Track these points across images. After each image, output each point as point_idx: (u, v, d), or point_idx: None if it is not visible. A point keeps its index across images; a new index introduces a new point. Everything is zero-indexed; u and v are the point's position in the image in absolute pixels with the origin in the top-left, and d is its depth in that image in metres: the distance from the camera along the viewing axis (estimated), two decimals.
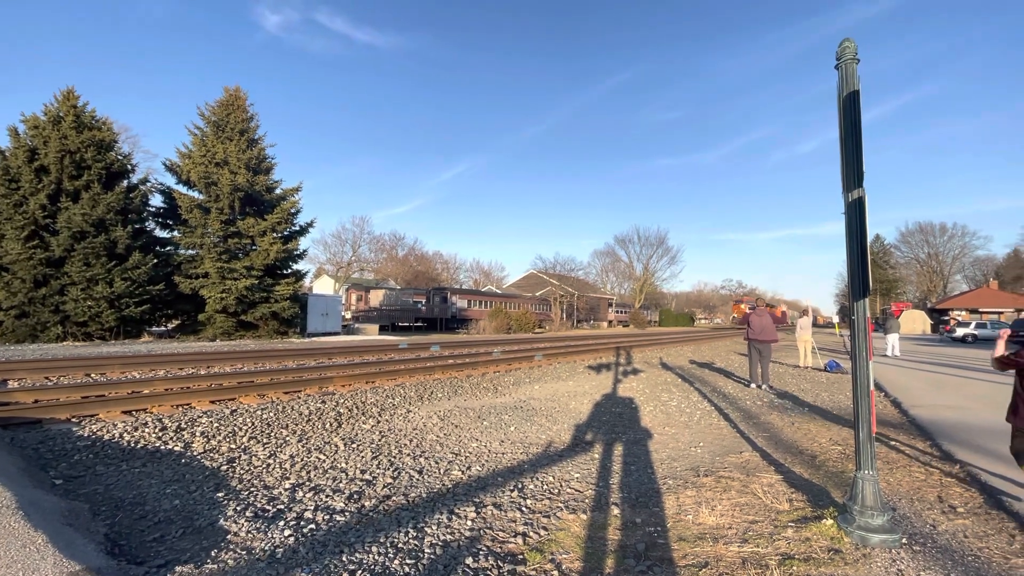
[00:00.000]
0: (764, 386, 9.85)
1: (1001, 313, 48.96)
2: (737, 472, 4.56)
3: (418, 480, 4.27)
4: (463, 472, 4.56)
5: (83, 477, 4.06)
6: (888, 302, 67.72)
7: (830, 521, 3.16)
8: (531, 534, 3.21)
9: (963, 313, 49.95)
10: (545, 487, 4.19)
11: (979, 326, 34.80)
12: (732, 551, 2.90)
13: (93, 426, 5.31)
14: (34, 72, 78.26)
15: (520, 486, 4.17)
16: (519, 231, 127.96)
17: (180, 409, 6.36)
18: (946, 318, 50.64)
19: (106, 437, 5.03)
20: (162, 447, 4.91)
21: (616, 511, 3.64)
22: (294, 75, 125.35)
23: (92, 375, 9.00)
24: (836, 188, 3.24)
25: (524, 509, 3.66)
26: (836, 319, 27.24)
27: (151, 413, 6.05)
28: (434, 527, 3.25)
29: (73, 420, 5.57)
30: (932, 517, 3.44)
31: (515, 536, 3.17)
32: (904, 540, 3.00)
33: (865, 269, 3.01)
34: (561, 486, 4.22)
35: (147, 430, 5.29)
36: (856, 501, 3.02)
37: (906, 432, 6.20)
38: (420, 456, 4.99)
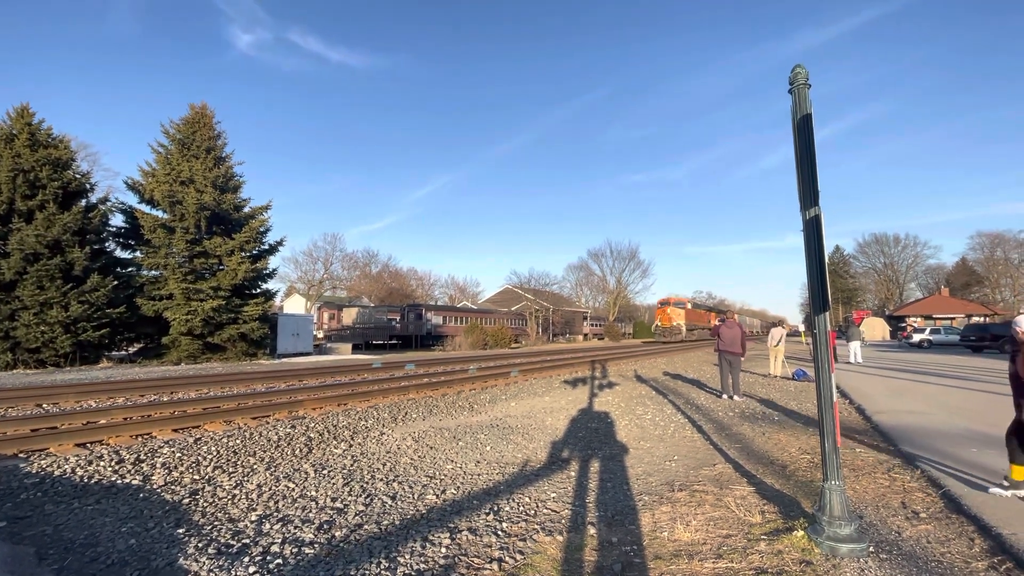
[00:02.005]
0: (736, 396, 10.03)
1: (953, 319, 51.37)
2: (711, 485, 4.61)
3: (391, 506, 4.16)
4: (438, 496, 4.47)
5: (30, 518, 3.81)
6: (849, 310, 70.29)
7: (801, 532, 3.22)
8: (507, 559, 3.16)
9: (918, 319, 52.21)
10: (521, 509, 4.14)
11: (934, 331, 36.43)
12: (707, 567, 2.91)
13: (43, 461, 5.01)
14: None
15: (496, 508, 4.11)
16: (493, 247, 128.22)
17: (140, 439, 6.07)
18: (903, 324, 52.83)
19: (57, 473, 4.75)
20: (119, 481, 4.66)
21: (592, 531, 3.62)
22: (266, 94, 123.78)
23: (44, 405, 8.51)
24: (795, 202, 3.36)
25: (500, 533, 3.60)
26: (803, 327, 27.99)
27: (108, 445, 5.75)
28: (407, 556, 3.16)
29: (21, 455, 5.25)
30: (897, 524, 3.54)
31: (490, 562, 3.11)
32: (871, 548, 3.07)
33: (824, 285, 3.12)
34: (537, 507, 4.18)
35: (102, 463, 5.02)
36: (824, 512, 3.09)
37: (870, 438, 6.39)
38: (393, 481, 4.88)
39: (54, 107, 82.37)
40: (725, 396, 10.15)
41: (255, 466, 5.26)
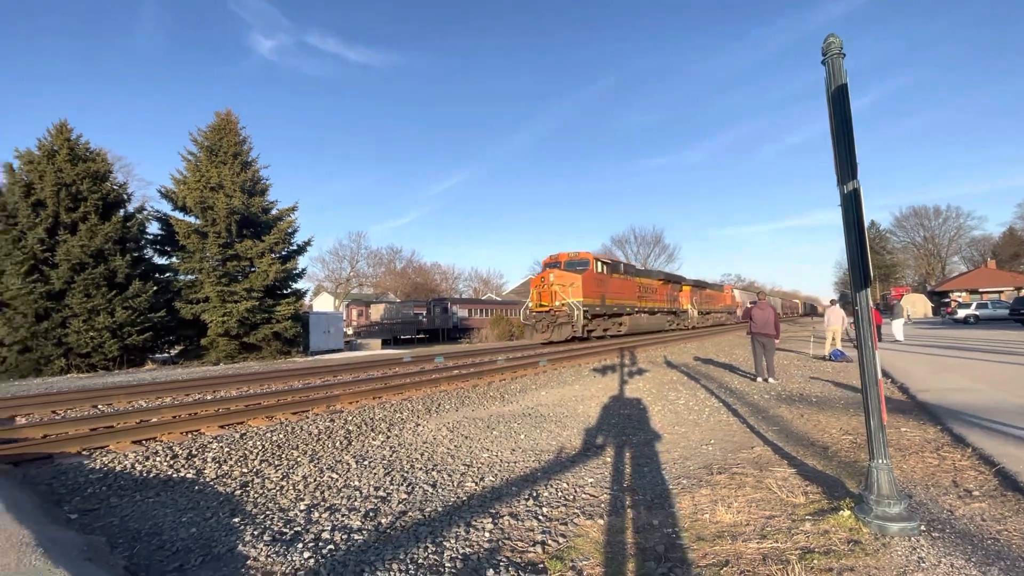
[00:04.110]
0: (771, 379, 9.85)
1: (1001, 292, 49.00)
2: (750, 468, 4.57)
3: (432, 494, 4.27)
4: (476, 483, 4.56)
5: (98, 510, 4.05)
6: (888, 287, 67.74)
7: (847, 512, 3.17)
8: (550, 542, 3.21)
9: (963, 294, 49.99)
10: (560, 494, 4.19)
11: (980, 306, 34.81)
12: (751, 548, 2.90)
13: (104, 458, 5.31)
14: (25, 107, 78.76)
15: (535, 494, 4.17)
16: (515, 237, 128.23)
17: (189, 436, 6.36)
18: (947, 300, 50.65)
19: (118, 468, 5.02)
20: (174, 475, 4.90)
21: (633, 514, 3.65)
22: (288, 97, 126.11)
23: (99, 406, 8.98)
24: (829, 176, 3.27)
25: (541, 517, 3.66)
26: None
27: (161, 441, 6.04)
28: (452, 540, 3.25)
29: (83, 453, 5.57)
30: (948, 502, 3.45)
31: (534, 545, 3.17)
32: (923, 527, 3.00)
33: (865, 259, 3.04)
34: (576, 492, 4.22)
35: (158, 459, 5.28)
36: (872, 491, 3.03)
37: (915, 417, 6.20)
38: (432, 470, 4.99)
39: (89, 121, 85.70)
40: (760, 379, 9.97)
41: (299, 459, 5.45)
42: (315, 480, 4.71)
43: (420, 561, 2.94)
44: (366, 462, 5.28)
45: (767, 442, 5.55)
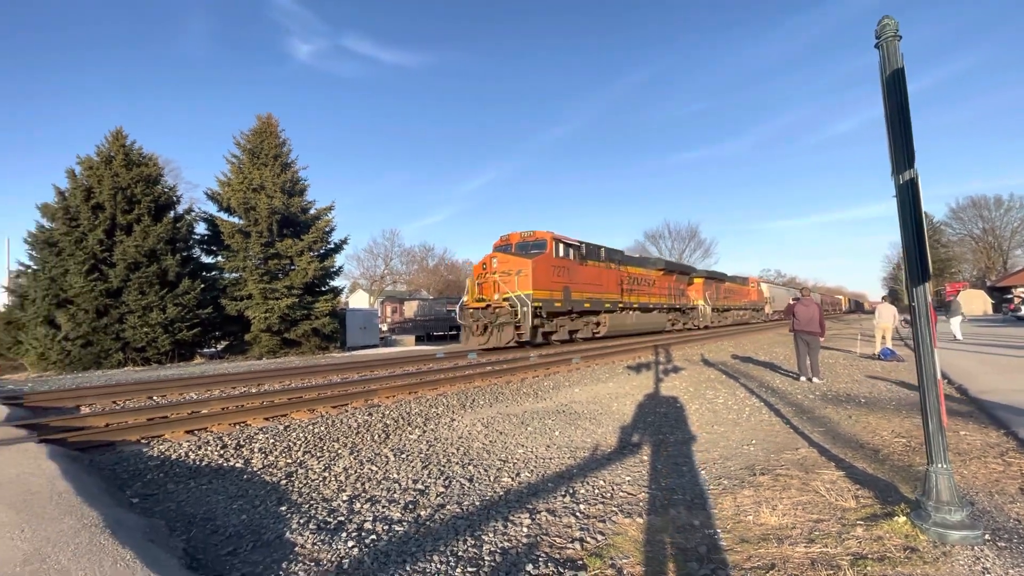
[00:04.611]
0: (815, 378, 9.48)
1: None
2: (795, 469, 4.42)
3: (470, 488, 4.32)
4: (513, 479, 4.58)
5: (157, 495, 4.29)
6: (942, 283, 64.02)
7: (903, 518, 3.02)
8: (588, 539, 3.20)
9: None
10: (597, 491, 4.16)
11: None
12: (799, 552, 2.81)
13: (161, 446, 5.61)
14: (85, 113, 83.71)
15: (572, 491, 4.16)
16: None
17: (237, 427, 6.63)
18: (1009, 296, 47.45)
19: (173, 456, 5.30)
20: (224, 464, 5.13)
21: (672, 513, 3.59)
22: (325, 99, 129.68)
23: (154, 397, 9.49)
24: (876, 167, 3.13)
25: (578, 514, 3.65)
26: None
27: (211, 432, 6.33)
28: (491, 535, 3.28)
29: (142, 441, 5.89)
30: (1016, 511, 3.24)
31: (572, 542, 3.17)
32: (987, 536, 2.84)
33: (923, 253, 2.88)
34: (613, 490, 4.18)
35: (209, 448, 5.54)
36: (930, 496, 2.88)
37: (976, 421, 5.85)
38: (469, 464, 5.04)
39: (140, 127, 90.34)
40: (803, 378, 9.62)
41: (339, 451, 5.61)
42: (356, 472, 4.84)
43: (460, 554, 2.98)
44: (404, 455, 5.39)
45: (812, 443, 5.35)
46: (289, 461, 5.23)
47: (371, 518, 3.61)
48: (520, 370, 11.39)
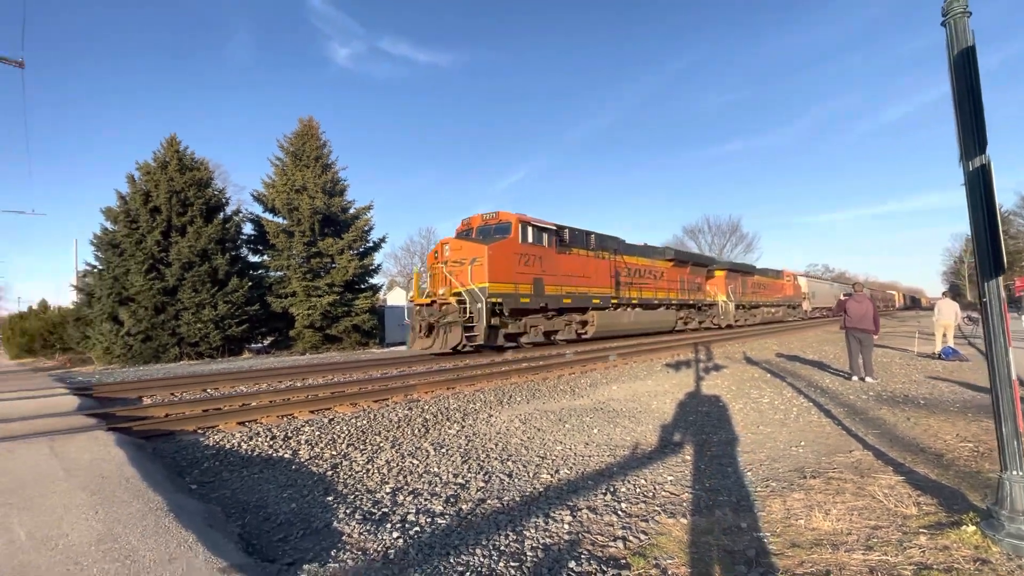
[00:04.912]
0: (868, 377, 9.02)
1: None
2: (849, 473, 4.22)
3: (509, 483, 4.34)
4: (552, 475, 4.57)
5: (213, 482, 4.51)
6: (1011, 277, 59.52)
7: (971, 527, 2.84)
8: (631, 538, 3.16)
9: None
10: (638, 490, 4.10)
11: None
12: (856, 559, 2.68)
13: (215, 436, 5.90)
14: (139, 118, 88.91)
15: (612, 489, 4.12)
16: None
17: (284, 419, 6.90)
18: None
19: (227, 446, 5.57)
20: (274, 454, 5.35)
21: (718, 515, 3.50)
22: (362, 100, 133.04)
23: (208, 390, 9.99)
24: (935, 154, 2.93)
25: (620, 513, 3.61)
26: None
27: (261, 423, 6.61)
28: (532, 530, 3.28)
29: (198, 431, 6.22)
30: None
31: (615, 540, 3.13)
32: None
33: (996, 243, 2.68)
34: (655, 489, 4.11)
35: (260, 439, 5.79)
36: (1003, 506, 2.69)
37: None
38: (507, 460, 5.07)
39: (191, 132, 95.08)
40: (855, 378, 9.17)
41: (381, 444, 5.74)
42: (397, 465, 4.94)
43: (502, 548, 3.00)
44: (444, 450, 5.47)
45: (867, 446, 5.10)
46: (334, 453, 5.40)
47: (414, 510, 3.68)
48: (556, 367, 11.35)
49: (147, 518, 2.97)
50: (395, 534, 3.20)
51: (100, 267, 20.60)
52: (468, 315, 13.42)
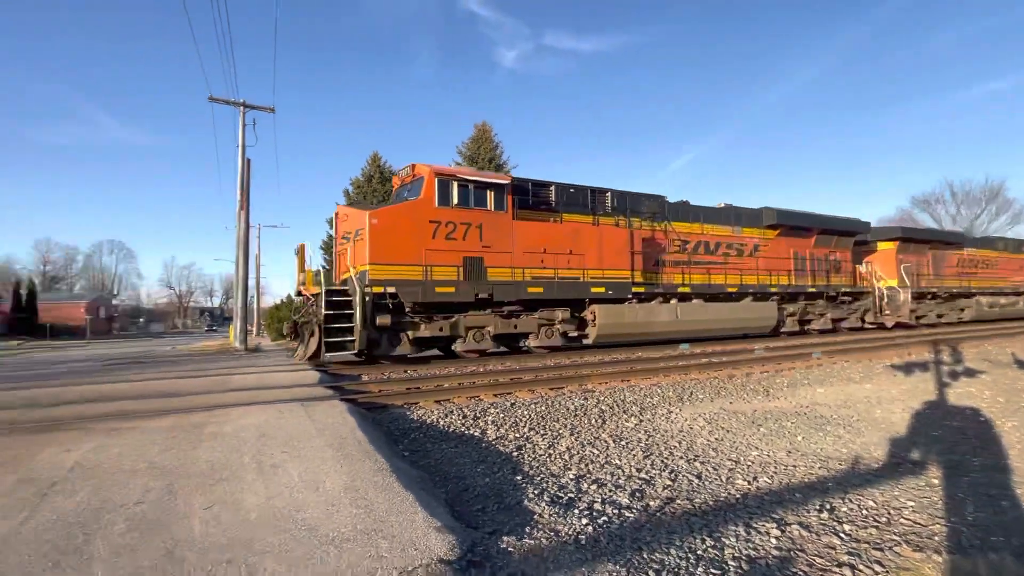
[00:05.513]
0: None
1: None
2: None
3: (699, 485, 4.04)
4: (748, 482, 4.12)
5: (419, 452, 5.15)
6: None
7: None
8: (861, 568, 2.65)
9: None
10: (865, 512, 3.43)
11: None
12: None
13: (418, 412, 6.75)
14: (355, 143, 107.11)
15: (829, 507, 3.52)
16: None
17: (472, 400, 7.55)
18: None
19: (427, 421, 6.32)
20: (465, 432, 5.88)
21: (993, 558, 2.72)
22: (531, 98, 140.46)
23: (407, 371, 11.52)
24: None
25: (842, 535, 3.06)
26: None
27: (453, 403, 7.35)
28: (732, 539, 2.99)
29: (405, 407, 7.19)
30: None
31: (838, 567, 2.66)
32: None
33: None
34: (889, 514, 3.39)
35: (453, 417, 6.44)
36: None
37: None
38: (694, 460, 4.73)
39: (388, 147, 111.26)
40: None
41: (560, 431, 5.88)
42: (578, 453, 5.00)
43: (699, 553, 2.79)
44: (623, 442, 5.36)
45: None
46: (517, 436, 5.71)
47: (599, 500, 3.67)
48: (744, 364, 10.28)
49: (377, 475, 3.51)
50: (583, 520, 3.22)
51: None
52: (336, 312, 10.29)
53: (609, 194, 13.96)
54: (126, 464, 3.90)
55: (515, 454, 5.00)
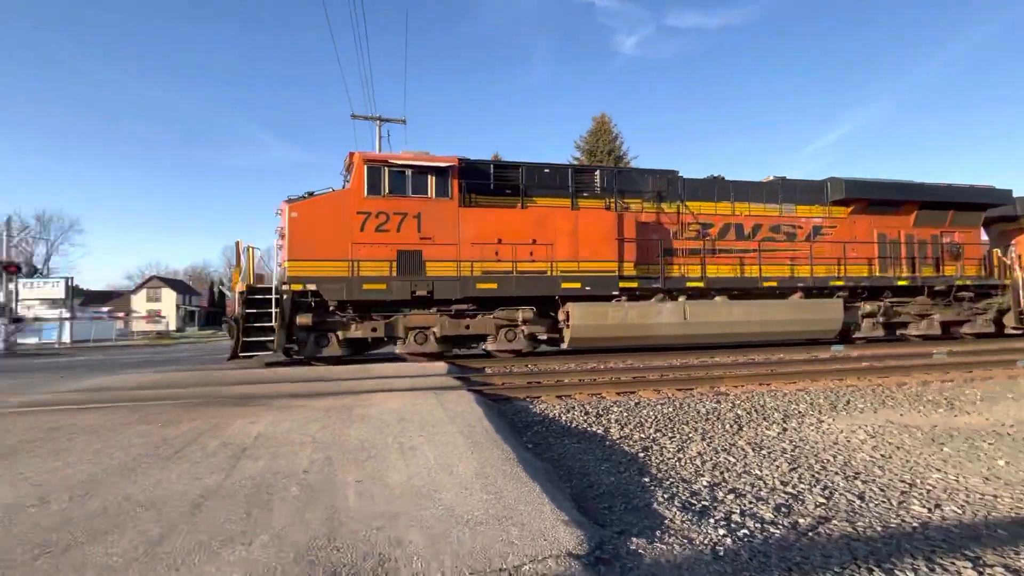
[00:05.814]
0: None
1: None
2: None
3: (861, 507, 3.50)
4: (928, 509, 3.47)
5: (542, 445, 5.23)
6: None
7: None
8: None
9: None
10: None
11: None
12: None
13: (540, 406, 6.85)
14: (476, 146, 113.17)
15: None
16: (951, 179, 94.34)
17: (594, 397, 7.46)
18: None
19: (550, 415, 6.38)
20: (588, 429, 5.83)
21: None
22: (652, 83, 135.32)
23: (528, 366, 11.75)
24: None
25: None
26: None
27: (575, 399, 7.33)
28: (909, 572, 2.54)
29: (527, 400, 7.35)
30: None
31: None
32: None
33: None
34: None
35: (575, 413, 6.42)
36: None
37: None
38: (854, 478, 4.12)
39: (504, 141, 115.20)
40: None
41: (690, 435, 5.54)
42: (711, 459, 4.66)
43: None
44: (764, 451, 4.87)
45: None
46: (643, 436, 5.51)
47: (738, 511, 3.37)
48: (917, 370, 8.73)
49: (504, 464, 3.64)
50: (721, 531, 2.99)
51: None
52: (257, 311, 9.87)
53: (597, 173, 12.46)
54: (295, 437, 4.54)
55: (641, 455, 4.82)
